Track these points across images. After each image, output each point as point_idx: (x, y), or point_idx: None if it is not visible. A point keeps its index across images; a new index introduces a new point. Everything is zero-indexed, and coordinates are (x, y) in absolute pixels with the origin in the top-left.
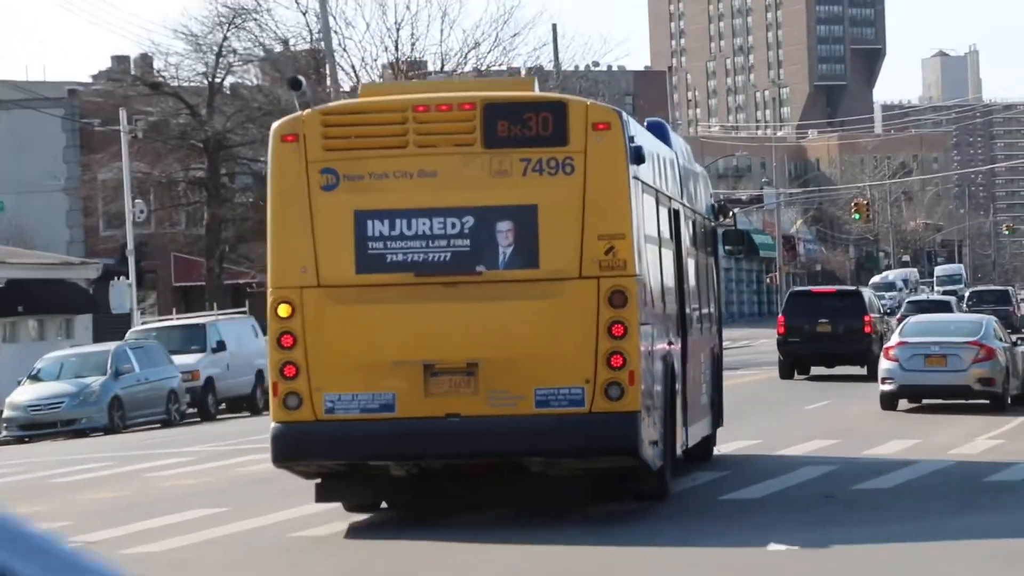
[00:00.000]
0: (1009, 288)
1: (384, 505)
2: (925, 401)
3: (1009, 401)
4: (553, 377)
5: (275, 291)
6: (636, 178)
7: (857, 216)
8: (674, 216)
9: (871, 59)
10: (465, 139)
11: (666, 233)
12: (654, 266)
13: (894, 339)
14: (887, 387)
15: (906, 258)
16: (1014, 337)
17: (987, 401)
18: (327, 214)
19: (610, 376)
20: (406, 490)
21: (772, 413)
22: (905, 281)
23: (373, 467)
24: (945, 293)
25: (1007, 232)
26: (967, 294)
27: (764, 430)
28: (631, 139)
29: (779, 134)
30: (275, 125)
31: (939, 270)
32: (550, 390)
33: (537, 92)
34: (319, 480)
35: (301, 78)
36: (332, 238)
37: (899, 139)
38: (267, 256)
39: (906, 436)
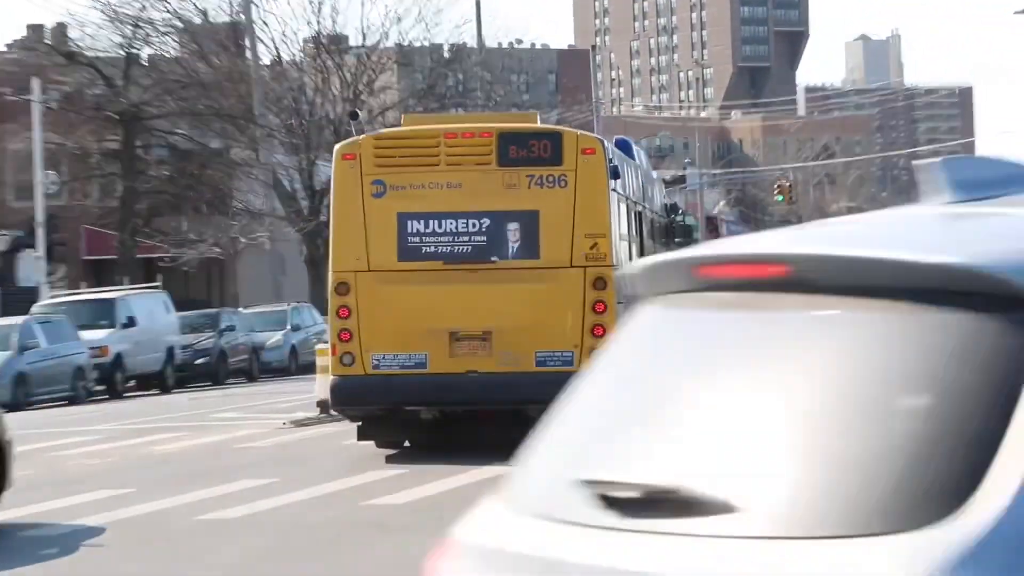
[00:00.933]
0: None
1: (407, 444)
2: None
3: None
4: (549, 343)
5: (335, 274)
6: (613, 190)
7: (780, 198)
8: (638, 216)
9: (795, 41)
10: (484, 159)
11: (634, 231)
12: (626, 257)
13: None
14: None
15: None
16: None
17: None
18: (376, 215)
19: (593, 343)
20: (425, 433)
21: None
22: None
23: (407, 412)
24: None
25: None
26: None
27: None
28: (610, 160)
29: (702, 115)
30: (338, 147)
31: None
32: (547, 352)
33: (539, 124)
34: (360, 423)
35: (359, 111)
36: (380, 234)
37: (822, 121)
38: (330, 247)
39: None
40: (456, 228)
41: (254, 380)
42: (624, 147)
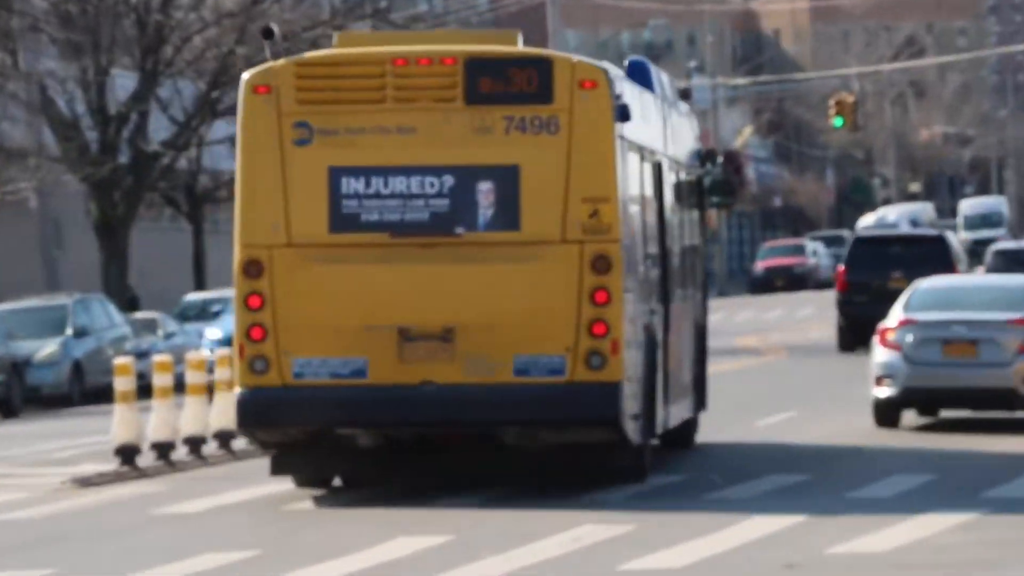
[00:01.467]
0: (945, 234)
1: (338, 482)
2: (944, 413)
3: None
4: (533, 344)
5: (243, 248)
6: (622, 137)
7: (839, 122)
8: (657, 171)
9: None
10: (446, 94)
11: (650, 192)
12: (638, 230)
13: (895, 314)
14: (885, 391)
15: (915, 187)
16: None
17: None
18: (300, 169)
19: (592, 344)
20: (365, 465)
21: (709, 433)
22: (914, 223)
23: (340, 436)
24: (976, 243)
25: None
26: (1005, 247)
27: (691, 461)
28: (618, 96)
29: None
30: (246, 75)
31: (966, 206)
32: (529, 358)
33: (521, 47)
34: (274, 453)
35: (274, 26)
36: (304, 195)
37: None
38: (235, 212)
39: (914, 469)
40: (408, 188)
41: (14, 415)
42: (640, 72)
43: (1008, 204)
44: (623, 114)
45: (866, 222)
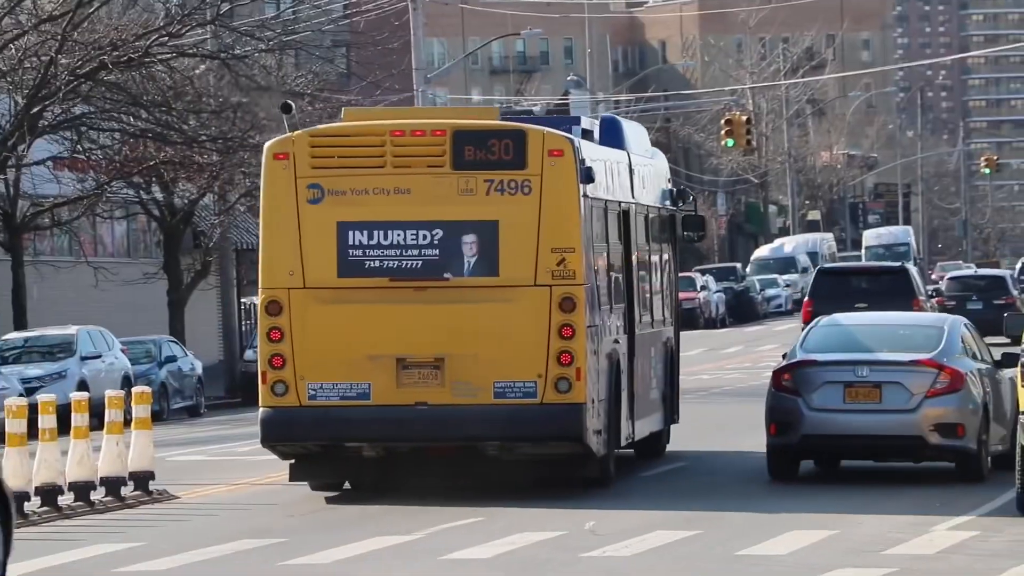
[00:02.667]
0: (1007, 273)
1: (347, 486)
2: (846, 463)
3: (989, 464)
4: (510, 372)
5: (265, 291)
6: (586, 196)
7: (730, 142)
8: (624, 217)
9: None
10: (436, 161)
11: (615, 238)
12: (602, 272)
13: (792, 355)
14: (781, 439)
15: (815, 215)
16: (997, 352)
17: (951, 463)
18: (313, 224)
19: (560, 372)
20: (369, 472)
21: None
22: (812, 255)
23: (347, 448)
24: None
25: (986, 170)
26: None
27: (572, 516)
28: (582, 162)
29: None
30: (268, 144)
31: (870, 236)
32: (507, 383)
33: (500, 121)
34: (293, 461)
35: (291, 103)
36: (317, 245)
37: (804, 7)
38: (259, 260)
39: (811, 525)
40: (405, 240)
41: None
42: (611, 128)
43: (916, 235)
44: (587, 176)
45: (761, 254)
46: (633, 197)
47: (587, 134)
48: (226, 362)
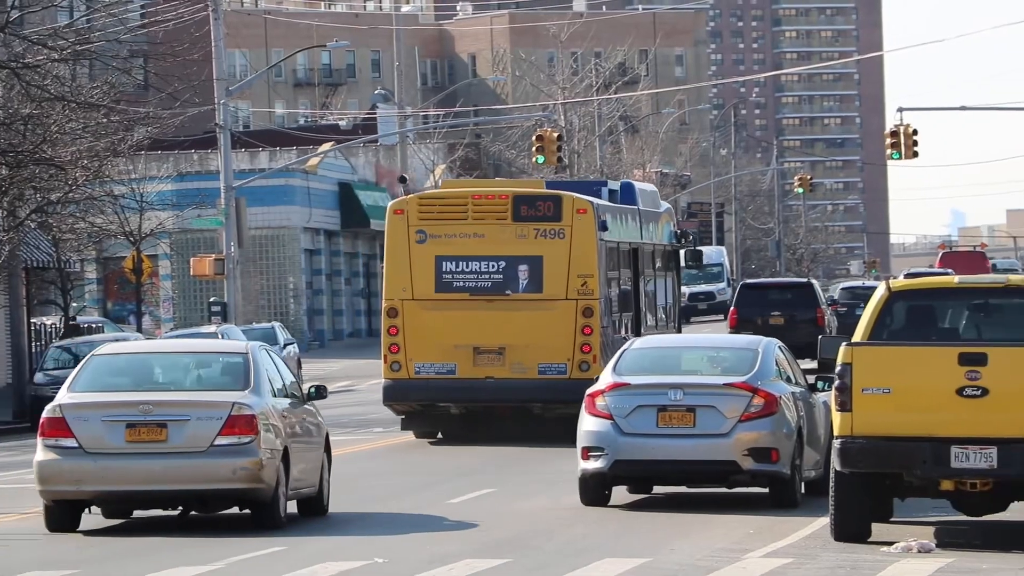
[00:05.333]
0: (812, 281)
1: (440, 436)
2: (658, 489)
3: (802, 489)
4: (549, 356)
5: (386, 301)
6: (601, 239)
7: (541, 159)
8: (633, 252)
9: None
10: (501, 216)
11: (625, 266)
12: (614, 291)
13: (604, 377)
14: (592, 464)
15: None
16: (811, 376)
17: (764, 488)
18: (419, 257)
19: (582, 357)
20: (455, 426)
21: (399, 512)
22: None
23: (440, 408)
24: (691, 297)
25: (800, 190)
26: (737, 290)
27: (385, 543)
28: (599, 216)
29: (404, 8)
30: (390, 204)
31: (682, 256)
32: (547, 364)
33: (544, 189)
34: (403, 416)
35: (406, 175)
36: (421, 271)
37: (616, 22)
38: (383, 280)
39: (624, 552)
40: (480, 268)
41: None
42: (626, 190)
43: (730, 256)
44: (603, 227)
45: None
46: (641, 238)
47: (612, 194)
48: (14, 385)
